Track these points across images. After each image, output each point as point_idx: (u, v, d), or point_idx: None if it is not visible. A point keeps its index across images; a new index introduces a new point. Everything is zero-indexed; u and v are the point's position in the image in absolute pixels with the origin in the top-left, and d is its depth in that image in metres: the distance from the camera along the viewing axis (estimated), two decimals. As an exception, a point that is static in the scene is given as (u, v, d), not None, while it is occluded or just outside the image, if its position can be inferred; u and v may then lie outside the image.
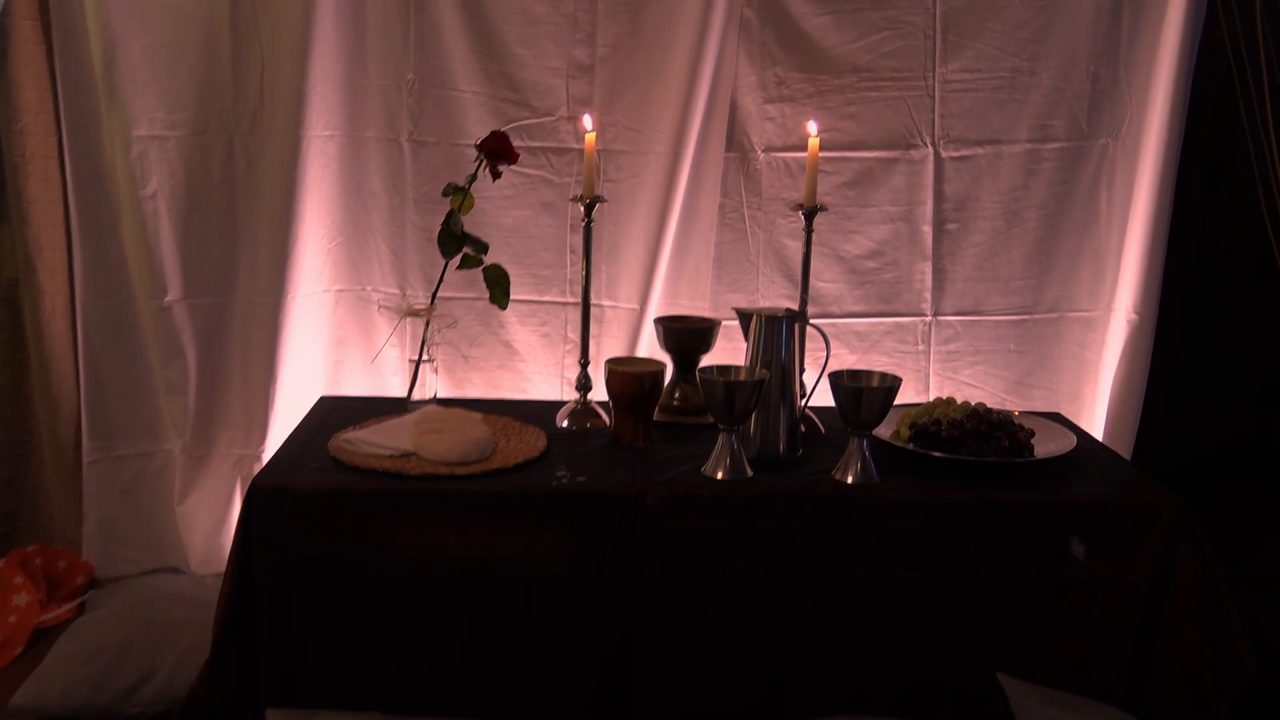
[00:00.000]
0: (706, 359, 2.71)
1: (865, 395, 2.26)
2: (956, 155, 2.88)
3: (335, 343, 3.01)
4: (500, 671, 2.26)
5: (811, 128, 2.59)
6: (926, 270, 2.95)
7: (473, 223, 2.79)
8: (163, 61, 2.75)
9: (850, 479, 2.29)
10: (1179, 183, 2.83)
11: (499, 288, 2.63)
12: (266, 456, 2.85)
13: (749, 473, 2.30)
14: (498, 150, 2.55)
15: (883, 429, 2.44)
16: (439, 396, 2.75)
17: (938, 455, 2.36)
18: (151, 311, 2.85)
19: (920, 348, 3.00)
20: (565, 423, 2.63)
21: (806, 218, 2.59)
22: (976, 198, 2.91)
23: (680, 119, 2.82)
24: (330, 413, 2.71)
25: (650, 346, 2.90)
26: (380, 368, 3.00)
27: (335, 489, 2.21)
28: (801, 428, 2.49)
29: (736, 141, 2.91)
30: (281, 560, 2.19)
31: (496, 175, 2.59)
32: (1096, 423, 3.00)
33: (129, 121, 2.75)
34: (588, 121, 2.58)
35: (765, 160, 2.92)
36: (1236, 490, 2.85)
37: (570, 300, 2.96)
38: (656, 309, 2.95)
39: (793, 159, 2.90)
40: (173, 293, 2.84)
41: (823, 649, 2.27)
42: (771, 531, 2.23)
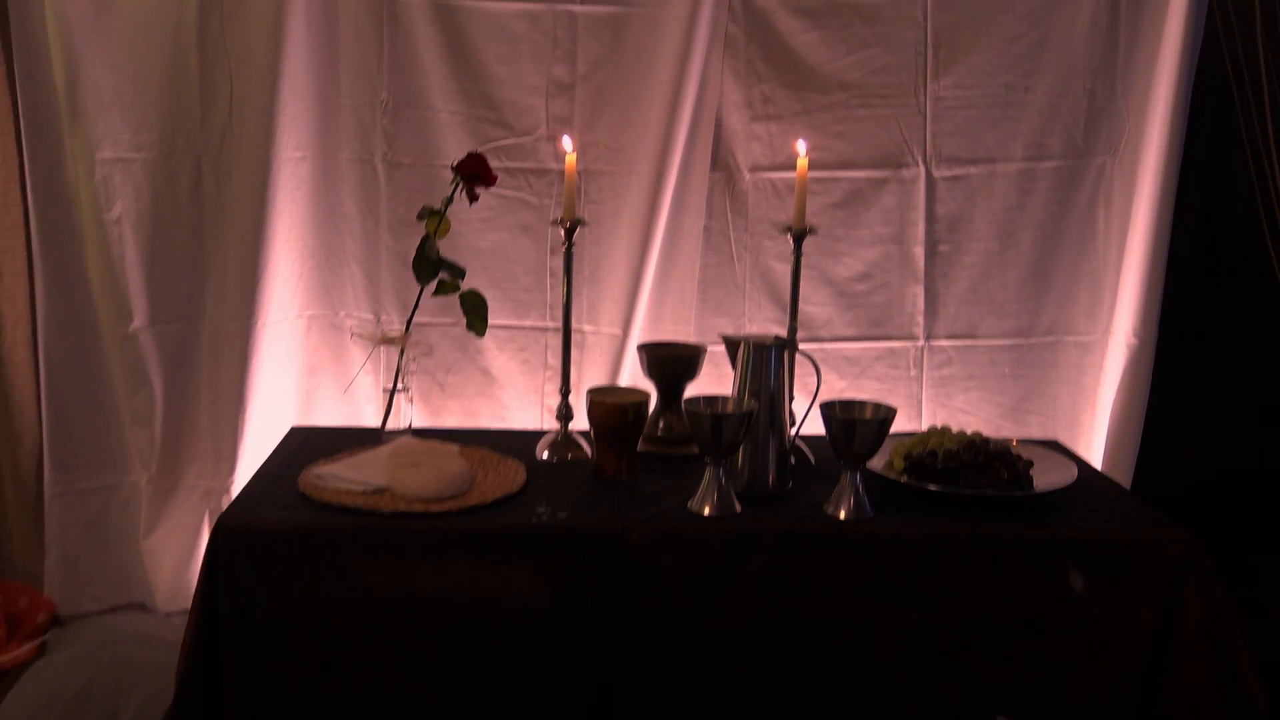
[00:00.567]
0: (692, 386, 2.63)
1: (858, 427, 2.17)
2: (949, 174, 2.81)
3: (307, 371, 2.92)
4: (477, 717, 2.16)
5: (800, 147, 2.51)
6: (918, 293, 2.87)
7: (449, 246, 2.71)
8: (128, 81, 2.66)
9: (843, 514, 2.20)
10: (1178, 202, 2.76)
11: (476, 314, 2.55)
12: (236, 489, 2.75)
13: (737, 508, 2.21)
14: (475, 172, 2.46)
15: (875, 460, 2.35)
16: (414, 427, 2.66)
17: (933, 489, 2.26)
18: (116, 339, 2.75)
19: (912, 373, 2.92)
20: (546, 454, 2.54)
21: (795, 241, 2.52)
22: (970, 218, 2.84)
23: (664, 138, 2.75)
24: (301, 444, 2.61)
25: (634, 373, 2.81)
26: (354, 396, 2.91)
27: (304, 528, 2.12)
28: (791, 459, 2.39)
29: (722, 161, 2.83)
30: (249, 603, 2.09)
31: (473, 198, 2.51)
32: (1095, 450, 2.92)
33: (93, 143, 2.66)
34: (567, 142, 2.50)
35: (752, 180, 2.84)
36: (1239, 517, 2.78)
37: (551, 325, 2.87)
38: (640, 334, 2.87)
39: (780, 179, 2.82)
40: (138, 320, 2.75)
41: (816, 692, 2.18)
42: (761, 570, 2.14)
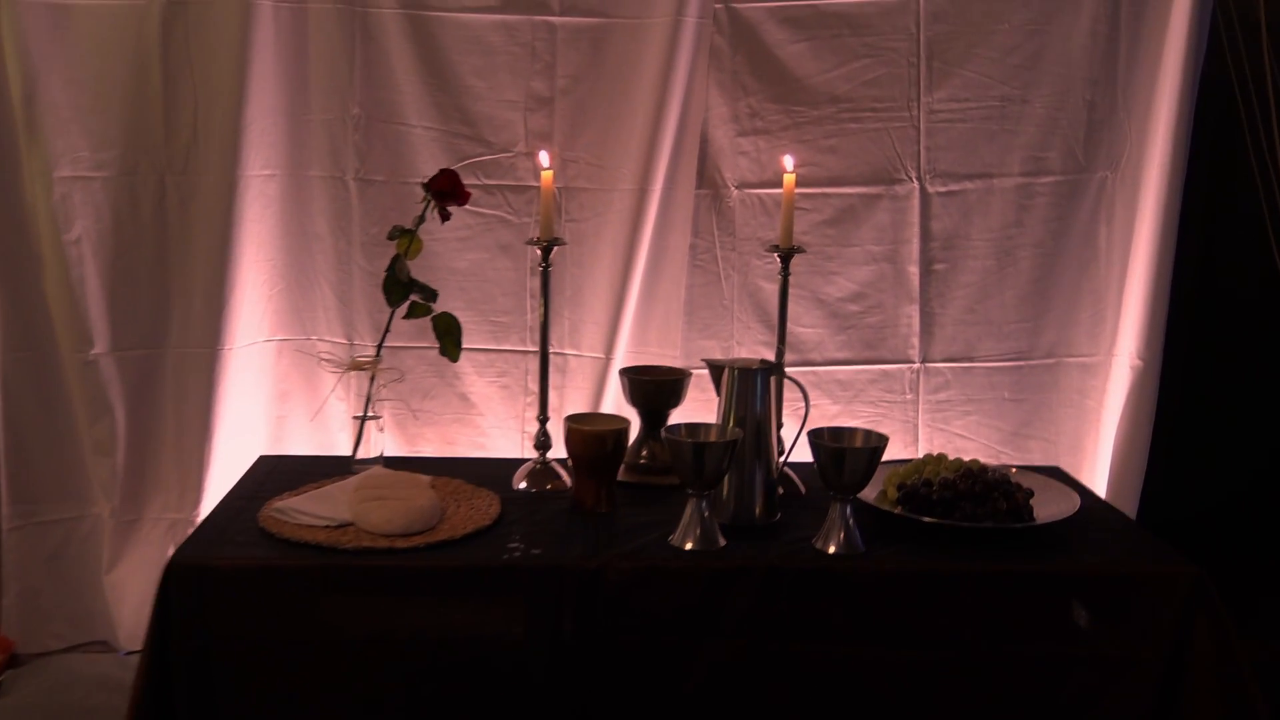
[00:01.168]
0: (678, 412, 2.52)
1: (848, 456, 2.06)
2: (944, 190, 2.72)
3: (277, 397, 2.82)
4: (447, 765, 2.04)
5: (787, 163, 2.42)
6: (913, 314, 2.78)
7: (424, 266, 2.65)
8: (87, 97, 2.57)
9: (832, 549, 2.08)
10: (1183, 218, 2.68)
11: (450, 338, 2.44)
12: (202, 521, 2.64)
13: (721, 542, 2.09)
14: (447, 190, 2.36)
15: (868, 489, 2.24)
16: (388, 455, 2.55)
17: (928, 520, 2.15)
18: (76, 365, 2.65)
19: (908, 397, 2.83)
20: (523, 484, 2.42)
21: (782, 260, 2.42)
22: (966, 235, 2.75)
23: (647, 154, 2.67)
24: (268, 474, 2.49)
25: (618, 399, 2.71)
26: (327, 423, 2.80)
27: (261, 566, 2.00)
28: (779, 489, 2.28)
29: (708, 177, 2.74)
30: (203, 645, 1.97)
31: (446, 217, 2.41)
32: (1099, 476, 2.83)
33: (51, 161, 2.57)
34: (544, 158, 2.40)
35: (739, 197, 2.75)
36: (1247, 545, 2.72)
37: (531, 349, 2.77)
38: (624, 358, 2.77)
39: (768, 195, 2.73)
40: (99, 345, 2.65)
41: (805, 737, 2.06)
42: (747, 608, 2.02)
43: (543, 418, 2.46)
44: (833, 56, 2.66)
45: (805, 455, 2.17)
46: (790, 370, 2.70)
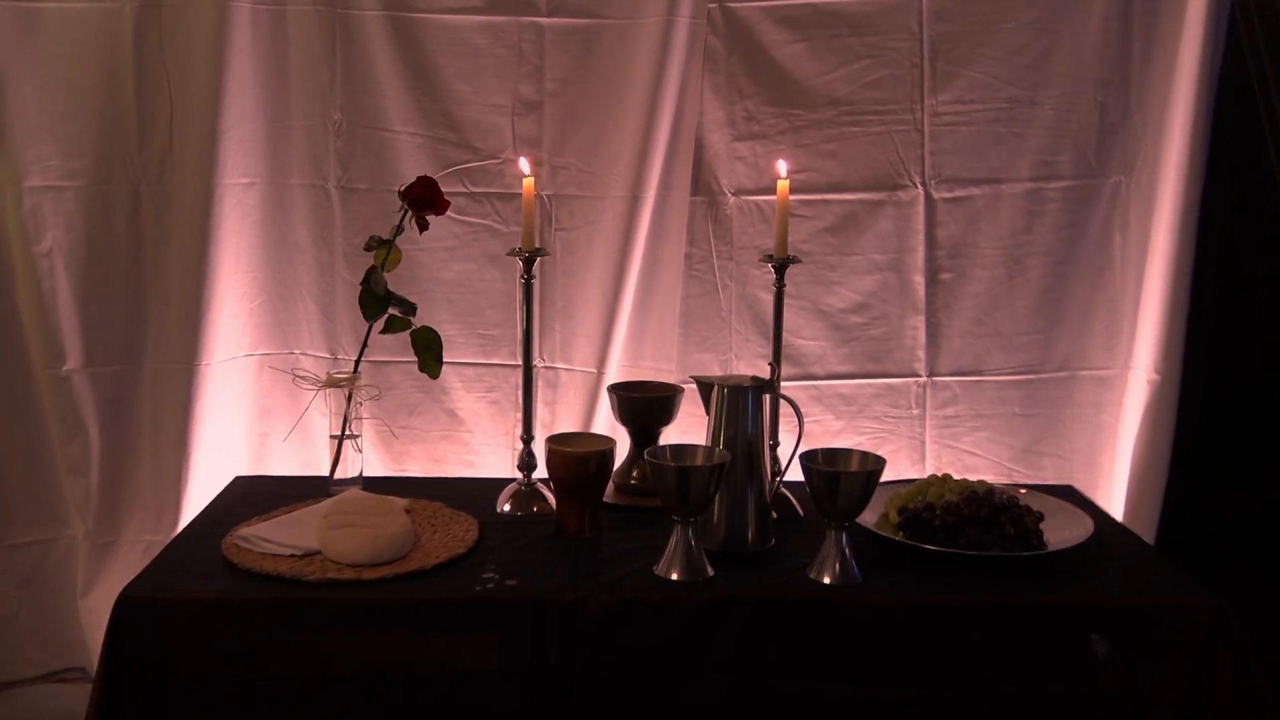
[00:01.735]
0: (672, 430, 2.43)
1: (842, 481, 1.94)
2: (950, 196, 2.62)
3: (259, 414, 2.73)
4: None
5: (781, 168, 2.31)
6: (919, 325, 2.68)
7: (410, 278, 2.59)
8: (58, 103, 2.49)
9: (827, 579, 1.96)
10: (1201, 223, 2.57)
11: (430, 353, 2.35)
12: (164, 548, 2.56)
13: (709, 572, 1.98)
14: (424, 198, 2.26)
15: (868, 513, 2.12)
16: (373, 475, 2.47)
17: (930, 549, 2.03)
18: (49, 382, 2.57)
19: (914, 412, 2.71)
20: (507, 506, 2.32)
21: (777, 271, 2.31)
22: (973, 243, 2.64)
23: (639, 159, 2.58)
24: (243, 496, 2.41)
25: (611, 416, 2.59)
26: (312, 441, 2.70)
27: (217, 599, 1.89)
28: (773, 513, 2.16)
29: (703, 184, 2.64)
30: (157, 686, 1.87)
31: (423, 226, 2.31)
32: (1116, 495, 2.71)
33: (20, 171, 2.48)
34: (524, 165, 2.30)
35: (736, 204, 2.65)
36: (1271, 565, 2.59)
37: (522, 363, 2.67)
38: (618, 372, 2.68)
39: (766, 202, 2.63)
40: (72, 361, 2.56)
41: (798, 779, 1.94)
42: (734, 643, 1.91)
43: (527, 437, 2.36)
44: (832, 57, 2.56)
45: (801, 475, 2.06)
46: (791, 385, 2.64)
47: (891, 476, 2.62)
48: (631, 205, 2.59)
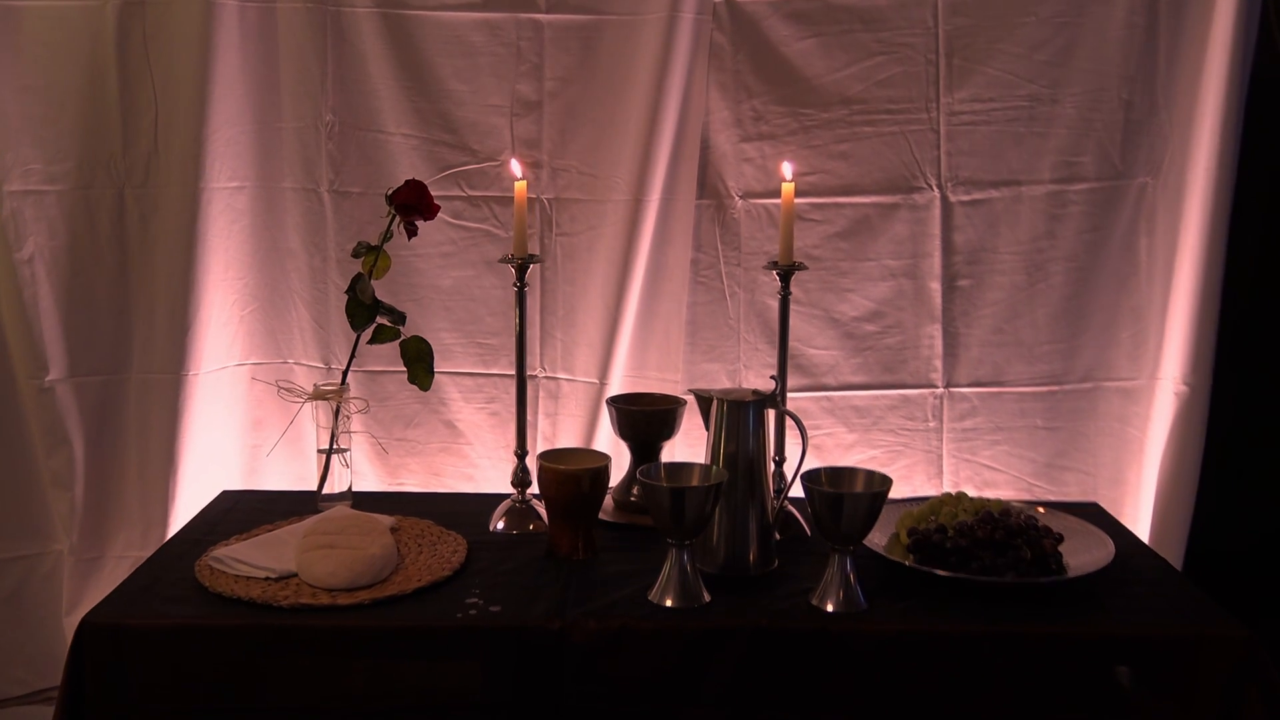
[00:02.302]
0: (675, 444, 2.36)
1: (846, 502, 1.83)
2: (967, 199, 2.53)
3: (250, 425, 2.65)
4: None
5: (786, 170, 2.22)
6: (936, 334, 2.58)
7: (406, 284, 2.54)
8: (39, 105, 2.43)
9: (830, 607, 1.85)
10: (1232, 227, 2.47)
11: (420, 364, 2.26)
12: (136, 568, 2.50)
13: (705, 598, 1.87)
14: (412, 202, 2.17)
15: (878, 534, 2.02)
16: (358, 490, 2.38)
17: (942, 574, 1.91)
18: (32, 393, 2.50)
19: (931, 424, 2.61)
20: (500, 524, 2.23)
21: (782, 278, 2.22)
22: (992, 248, 2.55)
23: (643, 161, 2.49)
24: (226, 512, 2.33)
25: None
26: (306, 454, 2.62)
27: (184, 625, 1.80)
28: (775, 535, 2.06)
29: (710, 186, 2.56)
30: (123, 714, 1.79)
31: (412, 232, 2.23)
32: (1142, 511, 2.60)
33: (0, 175, 2.42)
34: (515, 167, 2.22)
35: (743, 208, 2.56)
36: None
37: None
38: (621, 383, 2.58)
39: (775, 206, 2.53)
40: (55, 371, 2.49)
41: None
42: (731, 674, 1.80)
43: (520, 451, 2.27)
44: (844, 54, 2.47)
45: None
46: (802, 396, 2.56)
47: (907, 493, 2.56)
48: (635, 209, 2.51)
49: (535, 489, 2.22)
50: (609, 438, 2.53)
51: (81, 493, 2.54)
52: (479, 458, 2.67)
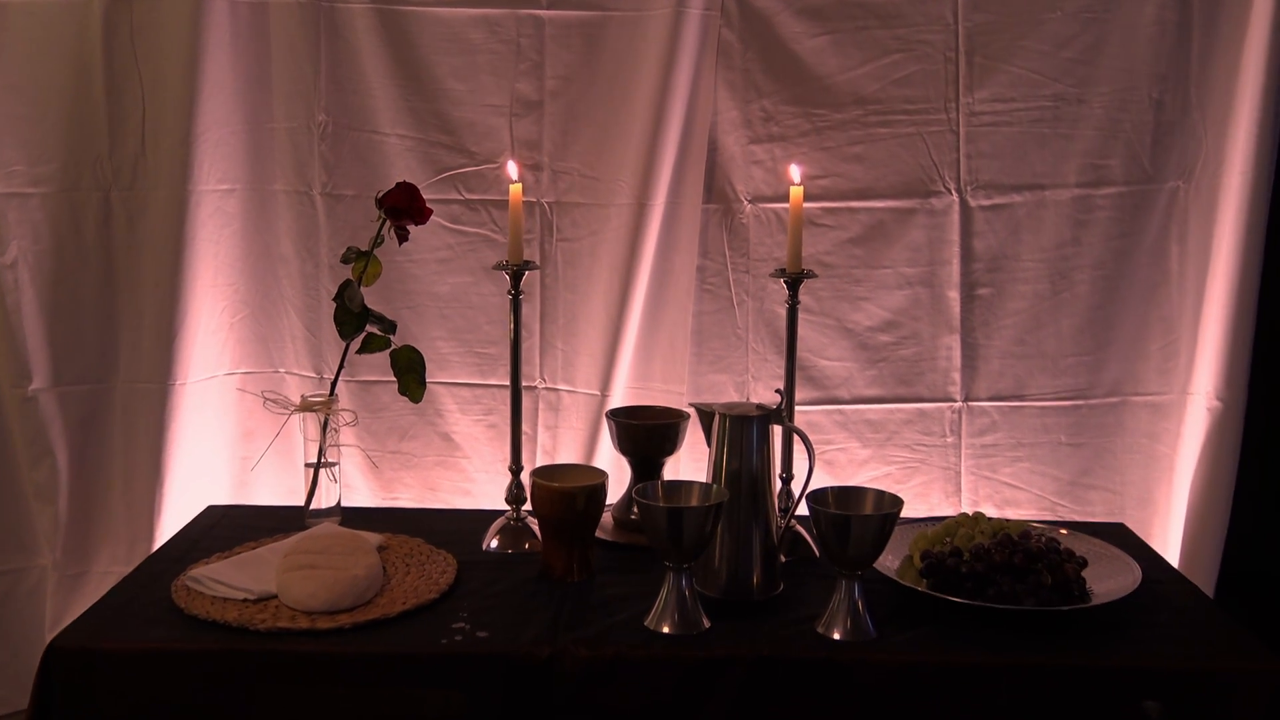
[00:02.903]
0: (678, 460, 2.28)
1: (854, 525, 1.73)
2: (988, 204, 2.45)
3: (241, 436, 2.58)
4: None
5: (794, 173, 2.13)
6: (954, 345, 2.50)
7: (401, 291, 2.47)
8: (22, 104, 2.37)
9: (837, 634, 1.75)
10: (1269, 235, 2.38)
11: (412, 375, 2.18)
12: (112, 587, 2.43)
13: (704, 625, 1.77)
14: (402, 206, 2.09)
15: (891, 557, 1.91)
16: (347, 505, 2.30)
17: (957, 601, 1.81)
18: (14, 402, 2.43)
19: (949, 440, 2.53)
20: (494, 543, 2.14)
21: (790, 287, 2.13)
22: (1014, 256, 2.47)
23: (647, 163, 2.42)
24: (211, 528, 2.25)
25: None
26: (297, 465, 2.49)
27: (155, 650, 1.72)
28: (781, 557, 1.95)
29: (717, 190, 2.48)
30: (91, 741, 1.71)
31: (403, 237, 2.16)
32: (1172, 534, 2.51)
33: (-18, 177, 2.38)
34: (512, 169, 2.14)
35: (753, 212, 2.48)
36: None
37: (524, 384, 2.49)
38: (625, 394, 2.51)
39: (786, 210, 2.45)
40: (38, 379, 2.43)
41: None
42: (730, 706, 1.70)
43: (515, 467, 2.19)
44: (858, 52, 2.40)
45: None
46: (813, 410, 2.49)
47: (923, 511, 2.47)
48: (639, 213, 2.43)
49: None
50: (610, 451, 2.44)
51: (65, 506, 2.48)
52: (476, 472, 2.59)
